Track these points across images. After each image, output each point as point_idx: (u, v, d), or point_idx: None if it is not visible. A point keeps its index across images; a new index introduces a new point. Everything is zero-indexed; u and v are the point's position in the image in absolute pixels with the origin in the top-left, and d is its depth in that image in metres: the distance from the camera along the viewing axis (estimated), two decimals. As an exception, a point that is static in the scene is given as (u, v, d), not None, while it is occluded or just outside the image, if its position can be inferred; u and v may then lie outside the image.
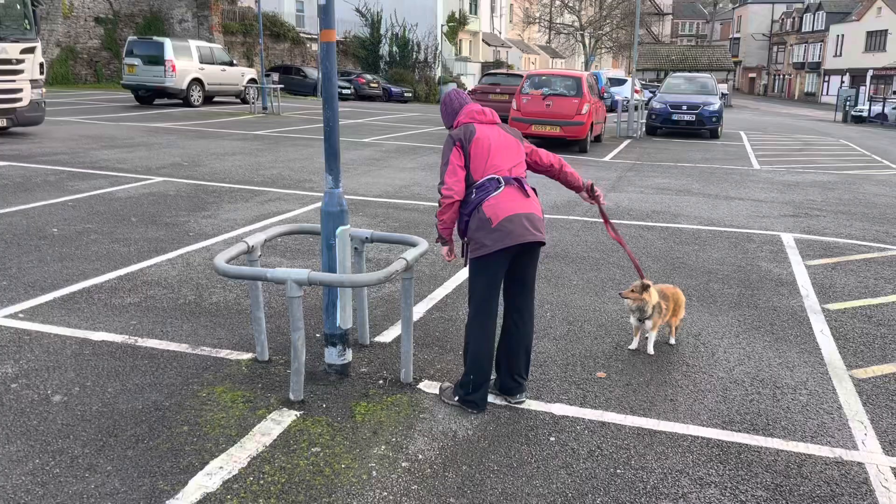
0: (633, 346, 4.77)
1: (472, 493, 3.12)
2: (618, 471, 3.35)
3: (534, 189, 3.85)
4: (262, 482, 3.13)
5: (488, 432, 3.64)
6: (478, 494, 3.12)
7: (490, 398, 3.92)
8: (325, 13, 3.89)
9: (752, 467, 3.42)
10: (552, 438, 3.61)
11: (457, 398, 3.87)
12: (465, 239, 3.78)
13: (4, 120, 13.04)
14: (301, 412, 3.73)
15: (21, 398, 3.77)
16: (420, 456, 3.40)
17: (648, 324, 4.63)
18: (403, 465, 3.32)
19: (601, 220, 8.60)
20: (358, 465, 3.29)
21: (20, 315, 4.89)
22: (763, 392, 4.22)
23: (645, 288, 4.53)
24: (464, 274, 6.22)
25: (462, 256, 3.87)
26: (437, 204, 3.70)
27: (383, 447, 3.45)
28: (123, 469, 3.18)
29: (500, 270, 3.73)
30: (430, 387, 4.10)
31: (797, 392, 4.24)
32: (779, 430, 3.78)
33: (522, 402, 3.95)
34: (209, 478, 3.14)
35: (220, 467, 3.22)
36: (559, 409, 3.92)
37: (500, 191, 3.65)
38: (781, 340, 5.05)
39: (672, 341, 4.89)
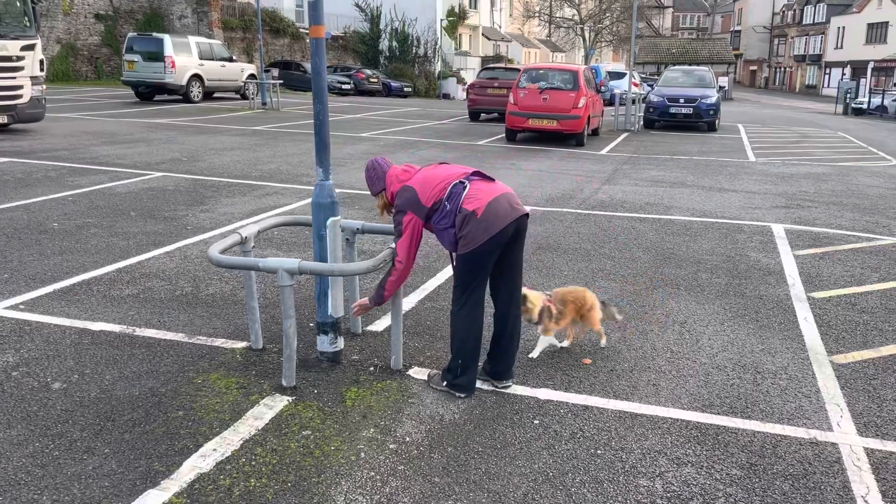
0: (564, 343, 4.71)
1: (456, 473, 3.24)
2: (598, 451, 3.46)
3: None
4: (253, 463, 3.25)
5: (474, 416, 3.76)
6: (462, 474, 3.24)
7: (477, 383, 4.04)
8: (315, 9, 4.00)
9: (729, 448, 3.53)
10: (536, 421, 3.73)
11: (445, 383, 3.98)
12: (454, 243, 3.79)
13: (5, 116, 13.16)
14: (293, 398, 3.85)
15: (22, 385, 3.89)
16: (407, 438, 3.52)
17: (539, 328, 4.52)
18: (391, 446, 3.44)
19: (595, 213, 8.73)
20: (347, 447, 3.41)
21: (21, 306, 5.02)
22: (744, 377, 4.33)
23: (523, 299, 4.30)
24: (456, 265, 6.34)
25: (451, 260, 3.97)
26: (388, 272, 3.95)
27: (372, 430, 3.56)
28: (120, 451, 3.30)
29: (493, 258, 3.81)
30: (419, 373, 4.21)
31: (777, 377, 4.35)
32: (757, 413, 3.89)
33: (509, 386, 4.07)
34: (203, 459, 3.26)
35: (214, 449, 3.34)
36: (544, 393, 4.03)
37: (468, 188, 3.76)
38: (765, 328, 5.16)
39: (602, 343, 4.75)
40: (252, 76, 25.61)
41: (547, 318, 4.43)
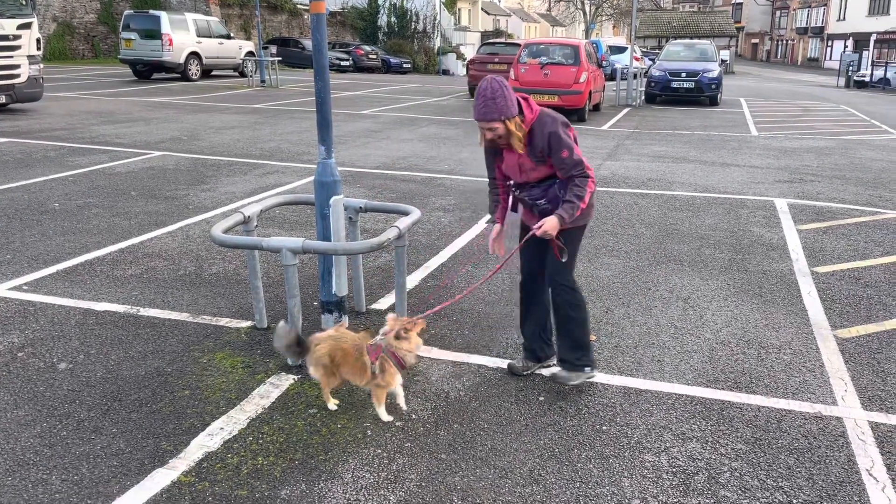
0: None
1: (462, 450, 3.26)
2: (603, 427, 3.48)
3: None
4: (261, 441, 3.26)
5: (479, 393, 3.77)
6: (468, 450, 3.25)
7: (494, 364, 4.05)
8: (315, -15, 3.94)
9: (734, 422, 3.55)
10: (541, 398, 3.74)
11: (587, 368, 3.80)
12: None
13: (3, 96, 13.07)
14: (299, 376, 3.85)
15: (28, 366, 3.90)
16: (413, 416, 3.53)
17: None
18: (397, 424, 3.45)
19: (597, 189, 8.67)
20: (353, 425, 3.42)
21: (24, 287, 5.01)
22: (748, 352, 4.34)
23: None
24: (459, 244, 6.34)
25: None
26: (579, 188, 3.48)
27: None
28: (128, 431, 3.31)
29: None
30: (423, 351, 4.21)
31: (781, 351, 4.36)
32: (761, 388, 3.90)
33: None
34: (210, 438, 3.27)
35: (221, 428, 3.35)
36: (549, 370, 4.04)
37: None
38: (769, 303, 5.16)
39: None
40: (250, 53, 25.39)
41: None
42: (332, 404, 3.55)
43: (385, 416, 3.46)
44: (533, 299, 3.92)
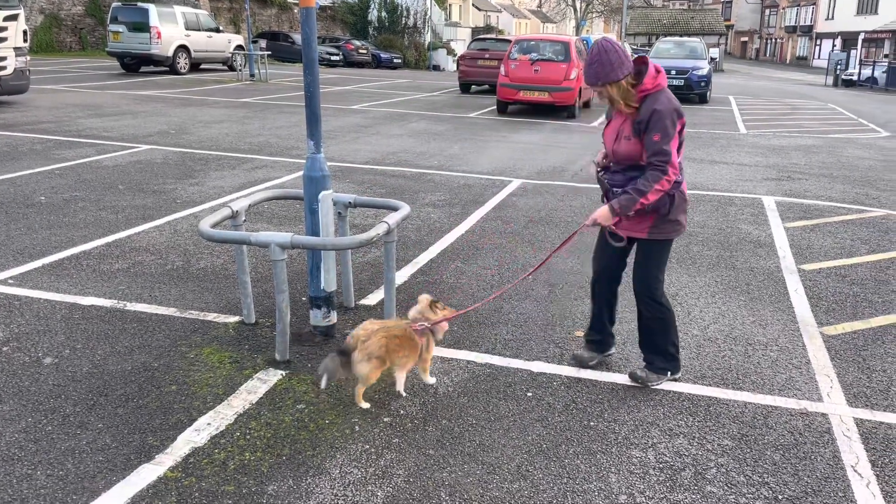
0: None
1: (450, 445, 3.26)
2: (591, 423, 3.49)
3: None
4: (248, 437, 3.25)
5: (468, 389, 3.77)
6: (456, 446, 3.25)
7: (487, 360, 4.05)
8: (304, -21, 3.92)
9: (720, 419, 3.57)
10: (529, 394, 3.74)
11: (668, 374, 3.86)
12: (656, 217, 3.54)
13: (-11, 89, 12.94)
14: (287, 371, 3.85)
15: (13, 361, 3.87)
16: (402, 411, 3.53)
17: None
18: (385, 420, 3.44)
19: (587, 186, 8.72)
20: (342, 421, 3.42)
21: (10, 281, 4.97)
22: (735, 349, 4.36)
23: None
24: (448, 240, 6.34)
25: (649, 234, 3.61)
26: (647, 182, 3.39)
27: (366, 404, 3.57)
28: (114, 426, 3.29)
29: None
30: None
31: (768, 348, 4.39)
32: (748, 384, 3.92)
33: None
34: (197, 433, 3.26)
35: (208, 423, 3.34)
36: (537, 366, 4.05)
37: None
38: (756, 300, 5.18)
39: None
40: (239, 47, 25.28)
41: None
42: (365, 403, 3.56)
43: (430, 380, 3.77)
44: (602, 297, 3.99)
